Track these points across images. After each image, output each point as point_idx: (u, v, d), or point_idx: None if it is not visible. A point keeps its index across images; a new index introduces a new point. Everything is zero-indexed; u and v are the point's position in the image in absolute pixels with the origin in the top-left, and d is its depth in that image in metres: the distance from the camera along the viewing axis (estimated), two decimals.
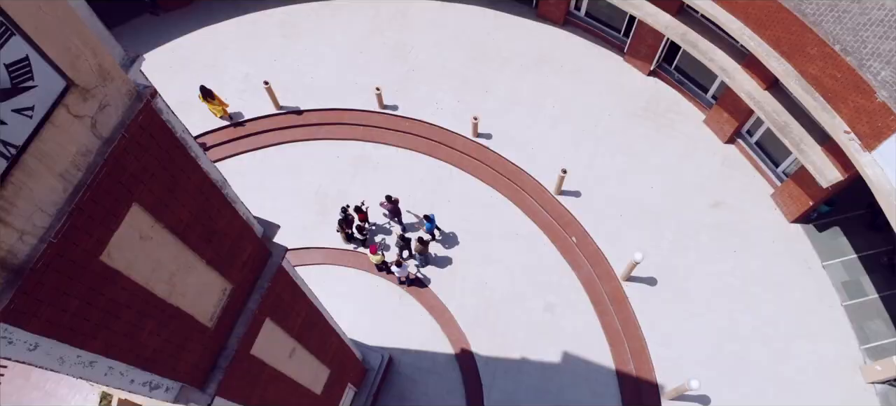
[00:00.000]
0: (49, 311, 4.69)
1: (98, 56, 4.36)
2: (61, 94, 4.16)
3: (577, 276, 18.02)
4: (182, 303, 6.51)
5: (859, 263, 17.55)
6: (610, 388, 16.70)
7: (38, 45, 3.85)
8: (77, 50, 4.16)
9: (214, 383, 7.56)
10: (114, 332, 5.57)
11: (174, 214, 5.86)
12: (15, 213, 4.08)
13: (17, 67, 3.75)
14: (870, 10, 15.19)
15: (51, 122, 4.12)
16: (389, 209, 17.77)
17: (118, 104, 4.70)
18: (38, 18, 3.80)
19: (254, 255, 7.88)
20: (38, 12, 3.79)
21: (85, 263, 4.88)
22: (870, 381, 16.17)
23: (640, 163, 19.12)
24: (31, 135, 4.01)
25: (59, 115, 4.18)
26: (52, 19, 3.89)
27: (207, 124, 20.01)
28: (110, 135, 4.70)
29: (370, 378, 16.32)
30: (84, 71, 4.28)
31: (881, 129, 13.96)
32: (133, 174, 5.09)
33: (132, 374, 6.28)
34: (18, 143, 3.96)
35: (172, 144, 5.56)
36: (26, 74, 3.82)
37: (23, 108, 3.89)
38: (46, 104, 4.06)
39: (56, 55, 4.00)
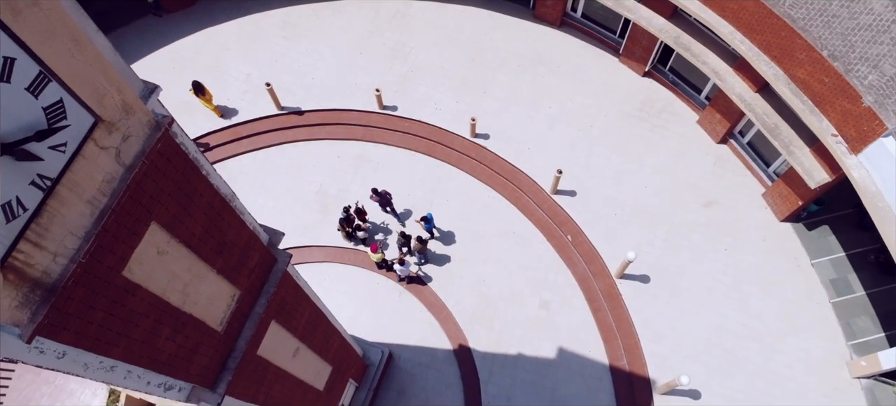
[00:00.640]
0: (77, 324, 5.13)
1: (122, 93, 4.78)
2: (90, 130, 4.58)
3: (573, 274, 18.47)
4: (195, 310, 6.95)
5: (847, 261, 18.00)
6: (604, 383, 17.19)
7: (71, 89, 4.26)
8: (104, 89, 4.57)
9: (224, 383, 8.01)
10: (133, 339, 6.02)
11: (188, 229, 6.29)
12: (49, 238, 4.51)
13: (53, 109, 4.17)
14: (859, 15, 15.52)
15: (81, 154, 4.54)
16: (378, 201, 18.18)
17: (139, 134, 5.12)
18: (70, 65, 4.21)
19: (260, 262, 8.32)
20: (71, 59, 4.20)
21: (109, 279, 5.31)
22: (855, 375, 16.67)
23: (635, 163, 19.53)
24: (63, 167, 4.43)
25: (88, 148, 4.60)
26: (82, 64, 4.30)
27: (211, 125, 20.39)
28: (132, 162, 5.12)
29: (371, 373, 16.80)
30: (110, 107, 4.69)
31: (867, 133, 14.37)
32: (152, 195, 5.51)
33: (149, 377, 6.73)
34: (53, 176, 4.38)
35: (187, 165, 5.98)
36: (61, 115, 4.24)
37: (57, 145, 4.31)
38: (77, 139, 4.48)
39: (86, 96, 4.42)
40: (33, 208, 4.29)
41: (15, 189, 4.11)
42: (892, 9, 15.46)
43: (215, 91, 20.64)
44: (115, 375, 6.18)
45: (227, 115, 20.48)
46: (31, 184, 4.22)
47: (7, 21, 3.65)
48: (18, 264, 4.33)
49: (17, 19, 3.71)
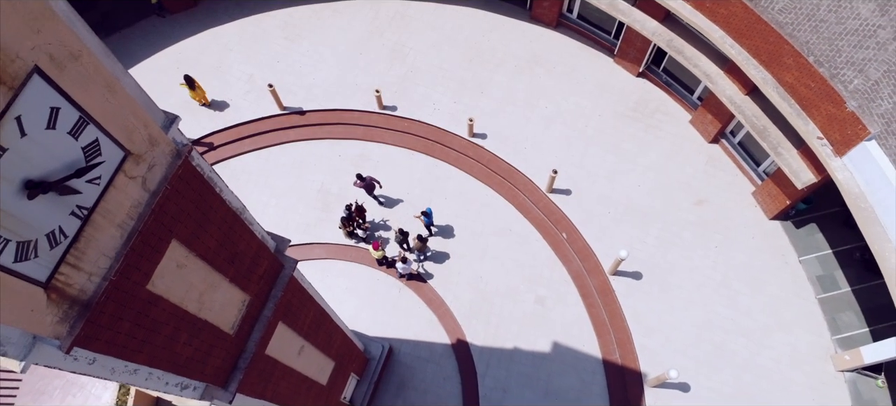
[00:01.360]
0: (107, 334, 5.67)
1: (148, 127, 5.28)
2: (121, 163, 5.09)
3: (567, 271, 19.02)
4: (209, 316, 7.50)
5: (833, 258, 18.56)
6: (596, 376, 17.78)
7: (106, 129, 4.77)
8: (133, 126, 5.08)
9: (235, 382, 8.58)
10: (155, 345, 6.57)
11: (204, 243, 6.82)
12: (85, 260, 5.04)
13: (90, 148, 4.68)
14: (845, 20, 15.97)
15: (113, 185, 5.06)
16: (362, 187, 18.79)
17: (163, 162, 5.63)
18: (105, 108, 4.72)
19: (268, 269, 8.85)
20: (105, 103, 4.71)
21: (135, 293, 5.85)
22: (839, 369, 17.28)
23: (629, 162, 20.03)
24: (98, 198, 4.95)
25: (119, 179, 5.12)
26: (115, 106, 4.81)
27: (216, 124, 20.86)
28: (156, 187, 5.64)
29: (372, 367, 17.39)
30: (138, 141, 5.20)
31: (851, 136, 14.87)
32: (173, 216, 6.03)
33: (167, 378, 7.30)
34: (89, 206, 4.90)
35: (203, 186, 6.50)
36: (97, 152, 4.75)
37: (93, 178, 4.83)
38: (110, 172, 5.00)
39: (118, 134, 4.93)
40: (72, 235, 4.82)
41: (57, 219, 4.63)
42: (878, 13, 15.92)
43: (219, 91, 21.13)
44: (138, 377, 6.74)
45: (216, 108, 21.04)
46: (71, 214, 4.75)
47: (54, 77, 4.16)
48: (60, 284, 4.86)
49: (62, 74, 4.22)
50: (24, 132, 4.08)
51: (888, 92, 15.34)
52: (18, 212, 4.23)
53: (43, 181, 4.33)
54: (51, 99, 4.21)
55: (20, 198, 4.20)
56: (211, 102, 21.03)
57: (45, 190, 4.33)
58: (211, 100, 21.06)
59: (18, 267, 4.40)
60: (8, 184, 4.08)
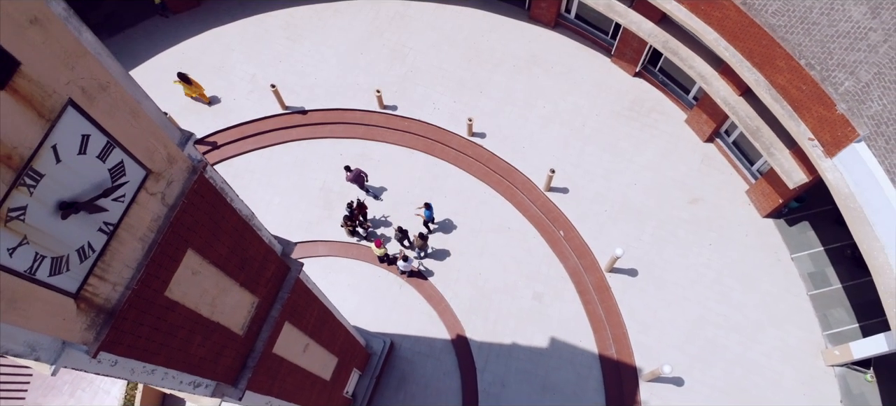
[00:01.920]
0: (129, 339, 6.06)
1: (167, 147, 5.66)
2: (143, 181, 5.47)
3: (564, 268, 19.42)
4: (221, 319, 7.89)
5: (825, 256, 18.97)
6: (593, 371, 18.22)
7: (130, 151, 5.14)
8: (154, 147, 5.46)
9: (245, 380, 8.98)
10: (171, 347, 6.96)
11: (217, 251, 7.21)
12: (111, 272, 5.43)
13: (116, 169, 5.06)
14: (838, 22, 16.31)
15: (136, 202, 5.44)
16: (351, 179, 19.22)
17: (180, 178, 6.01)
18: (129, 132, 5.09)
19: (275, 272, 9.25)
20: (130, 127, 5.08)
21: (154, 300, 6.24)
22: (829, 364, 17.71)
23: (625, 161, 20.40)
24: (122, 214, 5.33)
25: (141, 196, 5.49)
26: (138, 130, 5.18)
27: (219, 124, 21.20)
28: (174, 202, 6.02)
29: (373, 362, 17.83)
30: (158, 160, 5.58)
31: (840, 138, 15.24)
32: (189, 227, 6.41)
33: (182, 377, 7.70)
34: (114, 222, 5.28)
35: (215, 197, 6.87)
36: (122, 173, 5.13)
37: (118, 197, 5.20)
38: (133, 190, 5.38)
39: (140, 155, 5.30)
40: (100, 249, 5.20)
41: (86, 236, 5.01)
42: (869, 16, 16.26)
43: (222, 91, 21.46)
44: (155, 377, 7.14)
45: (218, 106, 21.45)
46: (98, 230, 5.13)
47: (85, 107, 4.53)
48: (88, 295, 5.25)
49: (92, 105, 4.59)
50: (59, 159, 4.45)
51: (878, 94, 15.71)
52: (53, 230, 4.61)
53: (75, 202, 4.70)
54: (82, 127, 4.58)
55: (55, 218, 4.58)
56: (210, 99, 21.36)
57: (77, 210, 4.70)
58: (211, 97, 21.40)
59: (52, 280, 4.79)
60: (44, 206, 4.46)
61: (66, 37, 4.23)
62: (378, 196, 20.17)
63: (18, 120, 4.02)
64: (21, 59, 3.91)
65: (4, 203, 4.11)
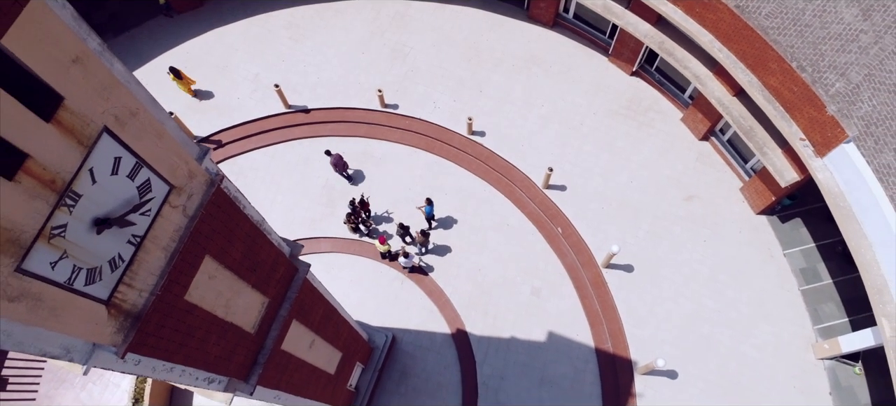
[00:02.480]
0: (153, 340, 6.52)
1: (188, 163, 6.09)
2: (166, 195, 5.90)
3: (562, 264, 19.88)
4: (234, 319, 8.36)
5: (817, 252, 19.42)
6: (589, 365, 18.72)
7: (156, 169, 5.58)
8: (176, 164, 5.89)
9: (256, 376, 9.46)
10: (190, 347, 7.43)
11: (231, 256, 7.65)
12: (138, 280, 5.88)
13: (143, 186, 5.49)
14: (829, 24, 16.68)
15: (160, 215, 5.88)
16: (333, 163, 19.82)
17: (199, 191, 6.44)
18: (155, 152, 5.52)
19: (284, 274, 9.70)
20: (155, 148, 5.51)
21: (175, 303, 6.69)
22: (819, 357, 18.21)
23: (622, 159, 20.81)
24: (148, 227, 5.77)
25: (165, 210, 5.93)
26: (163, 150, 5.61)
27: (224, 122, 21.60)
28: (194, 213, 6.46)
29: (376, 356, 18.33)
30: (180, 176, 6.01)
31: (830, 139, 15.65)
32: (206, 235, 6.86)
33: (198, 374, 8.16)
34: (141, 234, 5.72)
35: (230, 206, 7.31)
36: (148, 189, 5.57)
37: (145, 211, 5.64)
38: (158, 204, 5.81)
39: (165, 172, 5.74)
40: (128, 259, 5.65)
41: (117, 248, 5.46)
42: (860, 18, 16.62)
43: (226, 91, 21.85)
44: (173, 374, 7.61)
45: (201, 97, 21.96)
46: (127, 242, 5.58)
47: (118, 133, 4.96)
48: (117, 301, 5.70)
49: (124, 130, 5.02)
50: (95, 180, 4.89)
51: (868, 94, 16.10)
52: (89, 245, 5.06)
53: (108, 218, 5.14)
54: (115, 151, 5.02)
55: (91, 233, 5.03)
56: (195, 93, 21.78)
57: (110, 225, 5.15)
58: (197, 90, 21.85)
59: (87, 289, 5.24)
60: (82, 223, 4.90)
61: (102, 71, 4.66)
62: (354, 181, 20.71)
63: (61, 148, 4.46)
64: (64, 95, 4.34)
65: (48, 222, 4.55)
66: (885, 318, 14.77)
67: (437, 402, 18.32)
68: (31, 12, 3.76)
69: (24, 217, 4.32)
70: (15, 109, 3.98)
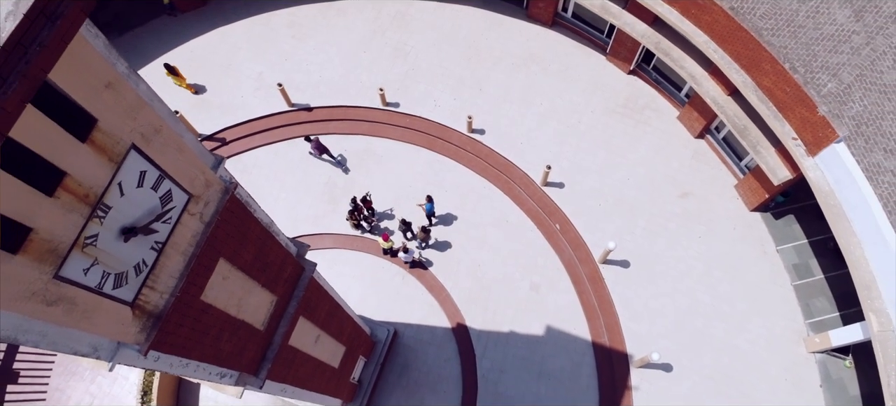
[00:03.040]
0: (172, 338, 6.95)
1: (205, 174, 6.49)
2: (185, 204, 6.31)
3: (560, 260, 20.31)
4: (245, 316, 8.78)
5: (809, 248, 19.85)
6: (586, 358, 19.18)
7: (177, 181, 5.98)
8: (195, 175, 6.29)
9: (265, 371, 9.90)
10: (205, 344, 7.86)
11: (243, 258, 8.07)
12: (159, 283, 6.30)
13: (165, 197, 5.90)
14: (822, 26, 17.02)
15: (180, 222, 6.29)
16: (313, 147, 20.39)
17: (215, 199, 6.85)
18: (176, 165, 5.92)
19: (292, 273, 10.12)
20: (176, 161, 5.91)
21: (192, 304, 7.11)
22: (811, 350, 18.67)
23: (618, 156, 21.20)
24: (169, 234, 6.18)
25: (184, 217, 6.34)
26: (183, 162, 6.01)
27: (228, 120, 21.96)
28: (210, 219, 6.87)
29: (378, 350, 18.79)
30: (198, 186, 6.42)
31: (821, 138, 16.04)
32: (221, 239, 7.27)
33: (211, 369, 8.60)
34: (163, 240, 6.14)
35: (243, 211, 7.72)
36: (170, 199, 5.98)
37: (166, 219, 6.05)
38: (178, 213, 6.22)
39: (185, 183, 6.14)
40: (151, 264, 6.07)
41: (141, 254, 5.87)
42: (853, 19, 16.97)
43: (230, 89, 22.20)
44: (189, 370, 8.04)
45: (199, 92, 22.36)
46: (151, 248, 5.99)
47: (144, 149, 5.37)
48: (141, 303, 6.12)
49: (149, 146, 5.42)
50: (123, 193, 5.30)
51: (859, 95, 16.47)
52: (117, 252, 5.47)
53: (134, 226, 5.55)
54: (141, 165, 5.42)
55: (118, 241, 5.44)
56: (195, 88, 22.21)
57: (136, 233, 5.55)
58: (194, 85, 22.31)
59: (115, 292, 5.66)
60: (111, 232, 5.31)
61: (130, 93, 5.05)
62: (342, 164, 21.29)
63: (94, 165, 4.86)
64: (98, 117, 4.73)
65: (82, 233, 4.96)
66: (873, 313, 15.21)
67: (437, 394, 18.80)
68: (72, 46, 4.15)
69: (61, 229, 4.73)
70: (55, 133, 4.38)
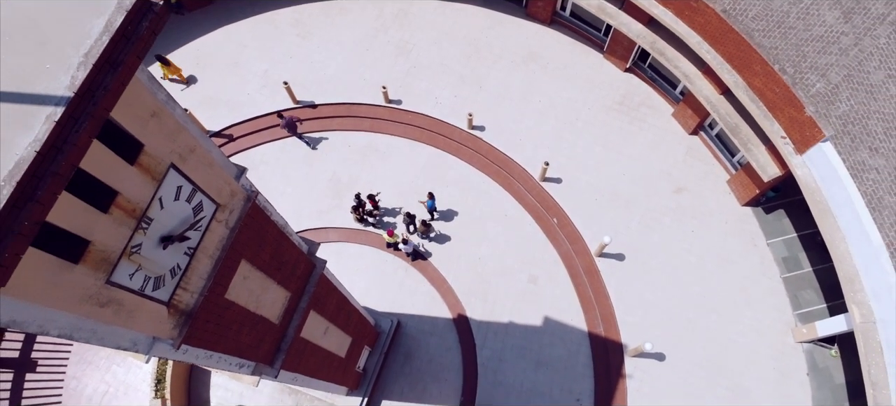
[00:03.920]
0: (200, 333, 7.64)
1: (230, 184, 7.15)
2: (214, 213, 6.98)
3: (557, 253, 20.99)
4: (262, 312, 9.47)
5: (798, 241, 20.53)
6: (582, 348, 19.92)
7: (207, 193, 6.64)
8: (222, 186, 6.95)
9: (279, 361, 10.61)
10: (227, 338, 8.55)
11: (261, 258, 8.75)
12: (191, 284, 6.98)
13: (197, 207, 6.56)
14: (812, 27, 17.58)
15: (209, 230, 6.96)
16: (284, 125, 21.13)
17: (238, 206, 7.51)
18: (206, 178, 6.58)
19: (304, 270, 10.80)
20: (207, 175, 6.57)
21: (217, 301, 7.80)
22: (798, 340, 19.41)
23: (615, 152, 21.83)
24: (200, 240, 6.85)
25: (213, 225, 7.01)
26: (212, 176, 6.67)
27: (235, 117, 22.57)
28: (234, 225, 7.53)
29: (382, 340, 19.53)
30: (224, 196, 7.08)
31: (809, 138, 16.67)
32: (243, 242, 7.94)
33: (231, 360, 9.31)
34: (194, 246, 6.81)
35: (261, 216, 8.38)
36: (201, 209, 6.64)
37: (197, 227, 6.72)
38: (207, 221, 6.89)
39: (213, 194, 6.80)
40: (184, 268, 6.74)
41: (176, 258, 6.55)
42: (842, 20, 17.53)
43: (237, 86, 22.78)
44: (212, 361, 8.75)
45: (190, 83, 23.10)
46: (184, 253, 6.66)
47: (180, 167, 6.02)
48: (175, 302, 6.80)
49: (185, 164, 6.08)
50: (162, 206, 5.96)
51: (847, 94, 17.07)
52: (157, 258, 6.14)
53: (171, 235, 6.22)
54: (178, 181, 6.08)
55: (158, 249, 6.11)
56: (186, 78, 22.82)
57: (173, 241, 6.23)
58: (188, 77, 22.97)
59: (154, 294, 6.34)
60: (152, 241, 5.98)
61: (170, 119, 5.70)
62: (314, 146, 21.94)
63: (140, 184, 5.52)
64: (144, 143, 5.38)
65: (129, 243, 5.63)
66: (856, 305, 15.92)
67: (439, 382, 19.57)
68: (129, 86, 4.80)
69: (113, 240, 5.40)
70: (111, 158, 5.03)
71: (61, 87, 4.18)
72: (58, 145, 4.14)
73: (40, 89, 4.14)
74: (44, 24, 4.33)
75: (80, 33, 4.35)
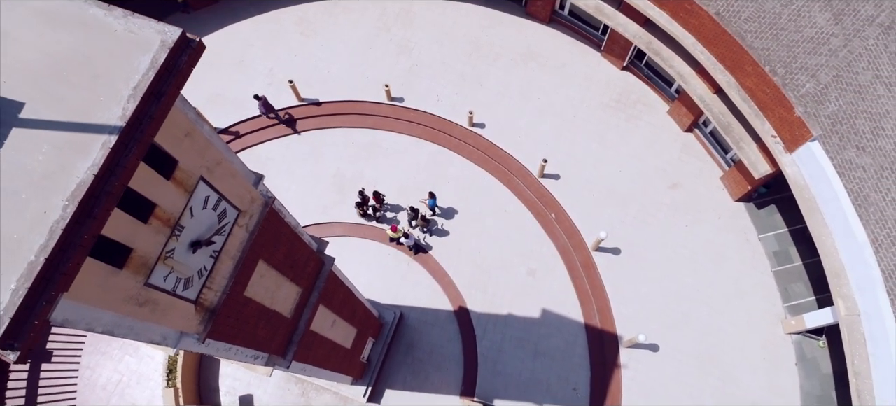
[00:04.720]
0: (222, 327, 8.28)
1: (250, 192, 7.77)
2: (236, 219, 7.60)
3: (555, 247, 21.63)
4: (276, 307, 10.12)
5: (789, 236, 21.17)
6: (579, 339, 20.61)
7: (230, 201, 7.26)
8: (243, 194, 7.56)
9: (291, 353, 11.27)
10: (244, 331, 9.20)
11: (276, 258, 9.38)
12: (215, 284, 7.61)
13: (221, 214, 7.18)
14: (803, 28, 18.11)
15: (231, 234, 7.58)
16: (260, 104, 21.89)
17: (257, 211, 8.13)
18: (230, 188, 7.19)
19: (314, 267, 11.44)
20: (230, 185, 7.18)
21: (237, 299, 8.43)
22: (787, 332, 20.09)
23: (611, 149, 22.41)
24: (223, 244, 7.48)
25: (235, 229, 7.63)
26: (235, 185, 7.28)
27: (241, 114, 23.13)
28: (253, 229, 8.15)
29: (386, 331, 20.21)
30: (245, 202, 7.70)
31: (798, 137, 17.26)
32: (260, 244, 8.57)
33: (248, 352, 9.96)
34: (218, 249, 7.43)
35: (277, 219, 9.00)
36: (224, 216, 7.26)
37: (222, 232, 7.34)
38: (230, 226, 7.51)
39: (236, 201, 7.42)
40: (210, 269, 7.37)
41: (203, 261, 7.17)
42: (832, 22, 18.06)
43: (242, 84, 23.32)
44: (231, 353, 9.40)
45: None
46: (210, 256, 7.29)
47: (209, 179, 6.64)
48: (202, 300, 7.44)
49: (212, 176, 6.69)
50: (192, 214, 6.58)
51: (835, 94, 17.64)
52: (187, 261, 6.77)
53: (199, 240, 6.84)
54: (206, 192, 6.69)
55: (188, 253, 6.73)
56: None
57: (201, 245, 6.85)
58: None
59: (184, 293, 6.97)
60: (183, 246, 6.60)
61: (200, 137, 6.30)
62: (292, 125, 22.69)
63: (174, 196, 6.13)
64: (179, 160, 5.99)
65: (164, 248, 6.25)
66: (841, 298, 16.57)
67: (441, 372, 20.27)
68: None
69: (151, 247, 6.02)
70: (151, 175, 5.64)
71: (114, 117, 4.78)
72: (111, 168, 4.75)
73: (96, 119, 4.75)
74: (97, 61, 4.92)
75: (129, 69, 4.94)
